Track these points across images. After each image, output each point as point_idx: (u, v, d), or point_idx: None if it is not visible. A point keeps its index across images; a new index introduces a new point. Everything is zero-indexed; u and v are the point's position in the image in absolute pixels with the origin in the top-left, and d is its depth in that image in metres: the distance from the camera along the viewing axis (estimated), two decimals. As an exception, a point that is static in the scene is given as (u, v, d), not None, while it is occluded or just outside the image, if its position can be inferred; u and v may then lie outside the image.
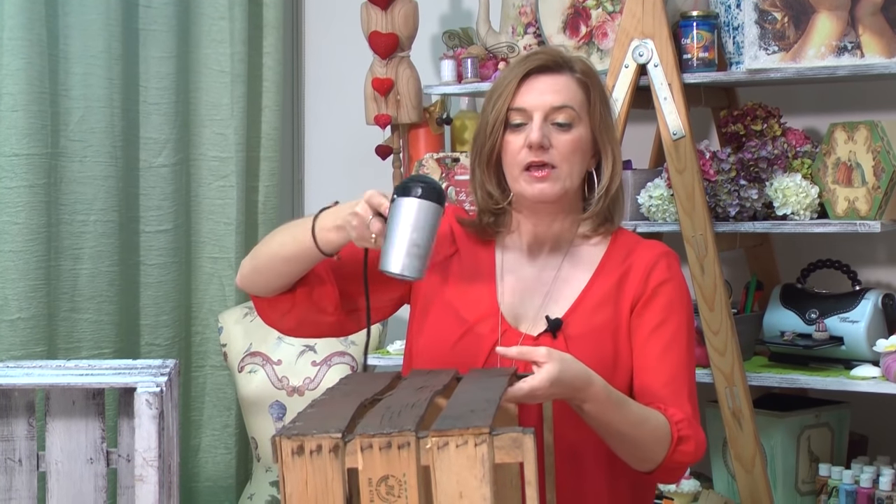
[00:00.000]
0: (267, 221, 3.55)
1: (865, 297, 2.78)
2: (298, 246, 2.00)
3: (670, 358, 2.01)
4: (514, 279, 2.08)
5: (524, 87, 2.03)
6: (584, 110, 2.04)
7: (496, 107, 2.04)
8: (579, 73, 2.05)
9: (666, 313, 2.04)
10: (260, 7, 3.52)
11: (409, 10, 3.20)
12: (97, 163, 3.12)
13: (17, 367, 2.57)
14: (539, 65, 2.04)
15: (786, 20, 2.73)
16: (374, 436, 1.51)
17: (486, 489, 1.50)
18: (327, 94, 3.75)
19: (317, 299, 2.07)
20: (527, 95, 2.03)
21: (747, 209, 2.77)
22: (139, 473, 2.36)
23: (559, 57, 2.06)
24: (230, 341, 3.26)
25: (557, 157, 2.01)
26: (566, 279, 2.07)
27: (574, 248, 2.09)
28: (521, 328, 2.04)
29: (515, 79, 2.03)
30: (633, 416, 1.90)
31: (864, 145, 2.67)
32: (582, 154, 2.04)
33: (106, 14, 3.11)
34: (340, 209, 1.98)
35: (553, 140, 2.01)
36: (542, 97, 2.02)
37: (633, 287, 2.05)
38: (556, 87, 2.03)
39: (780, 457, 2.82)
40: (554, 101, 2.02)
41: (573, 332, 2.01)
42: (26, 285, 2.94)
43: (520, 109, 2.02)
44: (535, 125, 2.00)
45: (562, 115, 2.02)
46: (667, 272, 2.06)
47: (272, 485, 3.21)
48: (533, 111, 2.01)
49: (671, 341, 2.03)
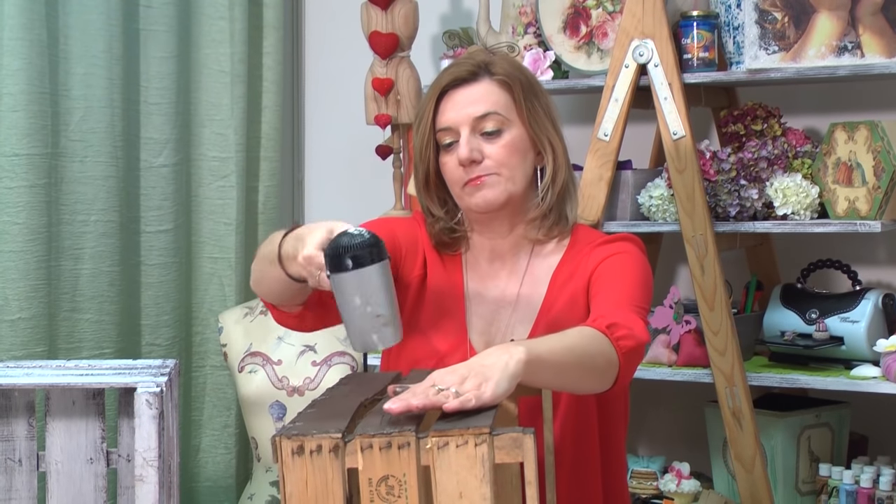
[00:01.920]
0: (267, 221, 3.55)
1: (865, 297, 2.78)
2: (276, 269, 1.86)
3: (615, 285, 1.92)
4: (480, 302, 2.05)
5: (444, 104, 1.99)
6: (512, 111, 1.99)
7: (419, 131, 2.00)
8: (499, 74, 1.99)
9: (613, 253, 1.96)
10: (260, 7, 3.52)
11: (410, 10, 3.21)
12: (97, 163, 3.12)
13: (18, 367, 2.57)
14: (452, 79, 1.99)
15: (786, 20, 2.73)
16: (374, 436, 1.51)
17: (487, 489, 1.50)
18: (327, 94, 3.75)
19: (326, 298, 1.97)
20: (448, 113, 1.98)
21: (747, 209, 2.77)
22: (139, 473, 2.36)
23: (472, 65, 2.00)
24: (230, 341, 3.26)
25: (493, 165, 1.97)
26: (527, 297, 2.03)
27: (532, 261, 2.05)
28: None
29: (432, 99, 1.99)
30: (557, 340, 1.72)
31: (865, 145, 2.67)
32: (520, 155, 2.00)
33: (106, 14, 3.11)
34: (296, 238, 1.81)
35: (484, 151, 1.97)
36: (463, 111, 1.98)
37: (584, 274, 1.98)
38: (475, 96, 1.98)
39: (780, 457, 2.82)
40: (475, 112, 1.97)
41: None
42: (27, 285, 2.94)
43: (445, 129, 1.98)
44: (463, 141, 1.96)
45: (488, 124, 1.98)
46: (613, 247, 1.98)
47: (272, 485, 3.21)
48: (458, 127, 1.97)
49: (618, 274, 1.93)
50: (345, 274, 1.68)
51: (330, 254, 1.69)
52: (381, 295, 1.70)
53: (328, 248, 1.70)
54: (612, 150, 2.80)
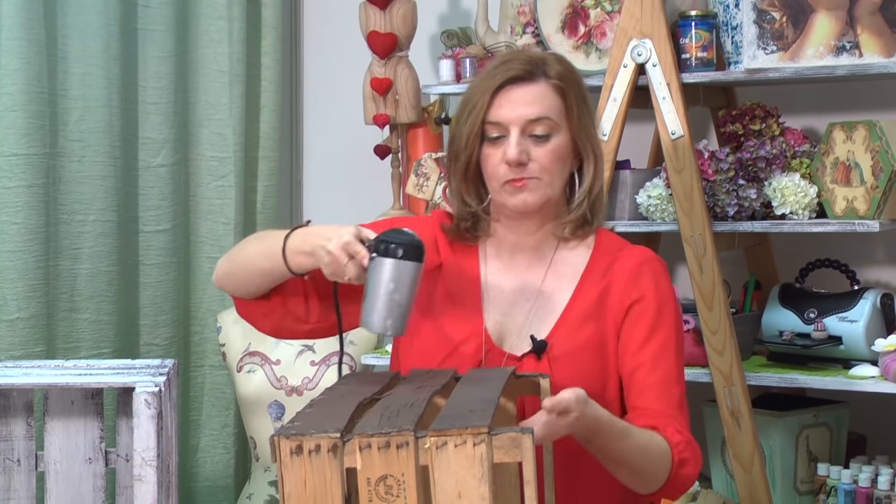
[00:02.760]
0: (265, 221, 3.55)
1: (864, 296, 2.78)
2: (270, 263, 1.97)
3: (660, 371, 1.99)
4: (497, 293, 2.05)
5: (498, 98, 1.98)
6: (563, 117, 2.00)
7: (469, 120, 1.99)
8: (555, 77, 2.00)
9: (653, 324, 2.00)
10: (258, 7, 3.52)
11: (408, 10, 3.20)
12: (96, 163, 3.12)
13: (16, 366, 2.57)
14: (512, 75, 1.99)
15: (784, 20, 2.73)
16: (372, 435, 1.51)
17: (485, 489, 1.50)
18: (326, 93, 3.75)
19: (292, 308, 2.05)
20: (501, 109, 1.98)
21: (746, 209, 2.77)
22: (138, 473, 2.36)
23: (532, 63, 2.00)
24: (229, 341, 3.26)
25: (537, 169, 1.98)
26: (549, 293, 2.04)
27: (557, 256, 2.06)
28: (505, 346, 2.02)
29: (488, 91, 1.98)
30: (636, 444, 1.88)
31: (863, 145, 2.67)
32: (563, 161, 2.01)
33: (104, 14, 3.11)
34: (311, 236, 1.93)
35: (532, 153, 1.97)
36: (516, 110, 1.97)
37: (617, 300, 2.02)
38: (531, 97, 1.98)
39: (778, 456, 2.82)
40: (530, 114, 1.97)
41: (558, 352, 1.98)
42: (25, 285, 2.94)
43: (495, 123, 1.98)
44: (513, 141, 1.96)
45: (539, 127, 1.97)
46: (651, 281, 2.02)
47: (271, 484, 3.21)
48: (509, 125, 1.97)
49: (660, 353, 2.00)
50: (391, 260, 1.84)
51: (383, 239, 1.85)
52: (409, 291, 1.86)
53: (381, 236, 1.86)
54: (610, 149, 2.80)
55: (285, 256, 1.94)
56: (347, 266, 1.86)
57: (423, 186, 3.17)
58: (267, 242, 1.98)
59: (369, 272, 1.85)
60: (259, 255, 1.99)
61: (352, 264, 1.86)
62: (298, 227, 1.96)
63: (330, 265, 1.88)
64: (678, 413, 1.98)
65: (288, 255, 1.94)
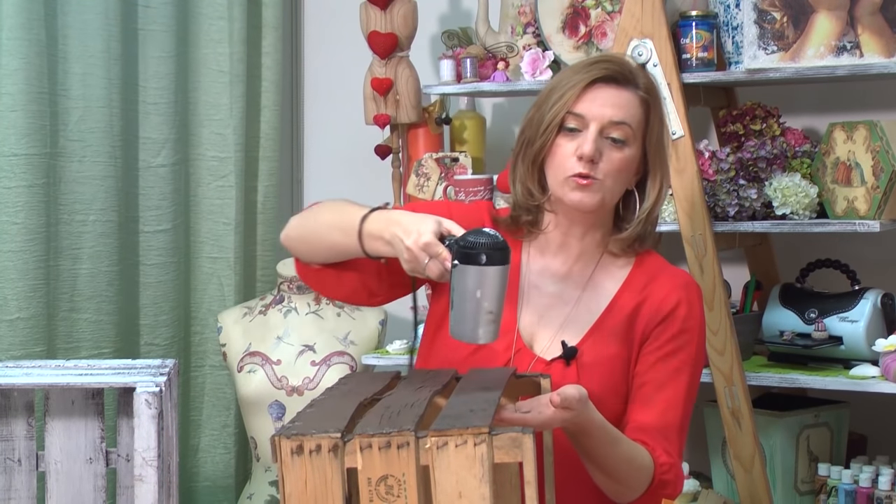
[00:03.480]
0: (266, 221, 3.55)
1: (864, 296, 2.78)
2: (346, 240, 1.93)
3: (668, 391, 2.00)
4: (536, 294, 2.06)
5: (587, 93, 1.98)
6: (640, 129, 2.00)
7: (554, 107, 1.99)
8: (643, 90, 2.01)
9: (675, 347, 2.02)
10: (259, 7, 3.52)
11: (408, 10, 3.20)
12: (96, 163, 3.12)
13: (17, 366, 2.57)
14: (606, 74, 1.99)
15: (785, 20, 2.73)
16: (373, 435, 1.51)
17: (486, 489, 1.50)
18: (326, 93, 3.75)
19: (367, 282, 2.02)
20: (588, 103, 1.98)
21: (746, 209, 2.77)
22: (138, 473, 2.36)
23: (627, 69, 2.01)
24: (229, 341, 3.26)
25: (604, 171, 1.98)
26: (586, 302, 2.05)
27: (599, 266, 2.06)
28: (536, 348, 2.03)
29: (581, 83, 1.98)
30: (622, 453, 1.89)
31: (864, 145, 2.67)
32: (627, 173, 2.01)
33: (105, 14, 3.11)
34: (391, 224, 1.87)
35: (604, 155, 1.97)
36: (602, 109, 1.98)
37: (647, 318, 2.03)
38: (619, 101, 1.99)
39: (779, 456, 2.82)
40: (614, 116, 1.98)
41: (587, 361, 2.00)
42: (25, 285, 2.94)
43: (578, 115, 1.98)
44: (590, 137, 1.96)
45: (618, 132, 1.98)
46: (685, 308, 2.03)
47: (271, 484, 3.21)
48: (591, 121, 1.97)
49: (673, 375, 2.01)
50: (475, 267, 1.75)
51: (464, 245, 1.76)
52: (498, 295, 1.77)
53: (461, 240, 1.77)
54: (611, 149, 2.79)
55: (361, 238, 1.90)
56: (429, 265, 1.80)
57: (423, 186, 3.17)
58: (344, 216, 1.93)
59: (453, 280, 1.77)
60: (335, 228, 1.95)
61: (433, 264, 1.80)
62: (377, 209, 1.91)
63: (410, 262, 1.83)
64: (674, 437, 1.99)
65: (364, 238, 1.90)
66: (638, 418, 1.98)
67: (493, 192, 3.05)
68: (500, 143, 3.40)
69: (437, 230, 1.81)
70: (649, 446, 1.95)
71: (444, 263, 1.79)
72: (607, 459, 1.88)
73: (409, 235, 1.82)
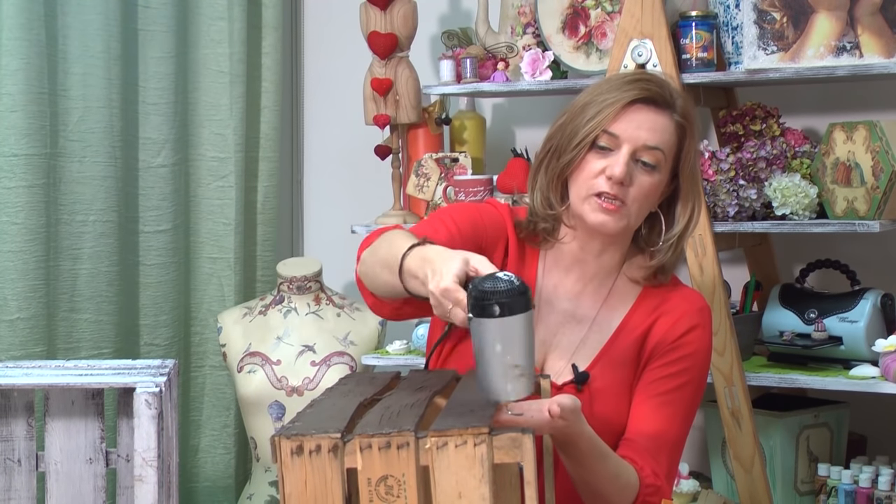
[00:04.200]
0: (266, 222, 3.56)
1: (864, 296, 2.78)
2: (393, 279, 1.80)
3: (666, 411, 1.99)
4: (548, 311, 2.04)
5: (624, 113, 1.95)
6: (672, 155, 1.98)
7: (590, 124, 1.95)
8: (680, 116, 1.98)
9: (680, 369, 2.01)
10: (259, 7, 3.52)
11: (408, 11, 3.20)
12: (96, 163, 3.12)
13: (17, 367, 2.57)
14: (647, 96, 1.96)
15: (785, 20, 2.73)
16: (373, 436, 1.51)
17: (486, 489, 1.50)
18: (326, 94, 3.75)
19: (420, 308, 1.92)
20: (624, 124, 1.95)
21: (746, 209, 2.77)
22: (138, 474, 2.36)
23: (667, 92, 1.98)
24: (229, 341, 3.26)
25: (633, 195, 1.95)
26: (600, 323, 2.03)
27: (615, 287, 2.05)
28: (546, 368, 2.01)
29: (620, 102, 1.95)
30: (608, 469, 1.87)
31: (863, 145, 2.67)
32: (653, 198, 1.99)
33: (105, 14, 3.11)
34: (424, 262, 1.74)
35: (634, 178, 1.95)
36: (638, 131, 1.95)
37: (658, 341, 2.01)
38: (656, 125, 1.96)
39: (779, 457, 2.82)
40: (648, 141, 1.95)
41: (598, 386, 1.98)
42: (25, 285, 2.94)
43: (612, 135, 1.95)
44: (622, 159, 1.94)
45: (650, 156, 1.95)
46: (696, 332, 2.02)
47: (271, 485, 3.21)
48: (624, 142, 1.95)
49: (674, 396, 2.00)
50: (490, 320, 1.57)
51: (476, 296, 1.58)
52: (523, 346, 1.59)
53: (474, 290, 1.59)
54: (610, 150, 2.79)
55: (402, 278, 1.78)
56: (452, 311, 1.66)
57: (423, 187, 3.17)
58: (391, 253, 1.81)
59: (472, 334, 1.60)
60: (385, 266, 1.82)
61: (456, 311, 1.66)
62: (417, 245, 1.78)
63: (436, 308, 1.70)
64: (665, 459, 1.97)
65: (405, 277, 1.77)
66: (631, 435, 1.97)
67: (492, 192, 3.05)
68: (499, 143, 3.41)
69: (460, 272, 1.67)
70: (637, 465, 1.93)
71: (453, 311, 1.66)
72: (593, 474, 1.86)
73: (433, 278, 1.69)
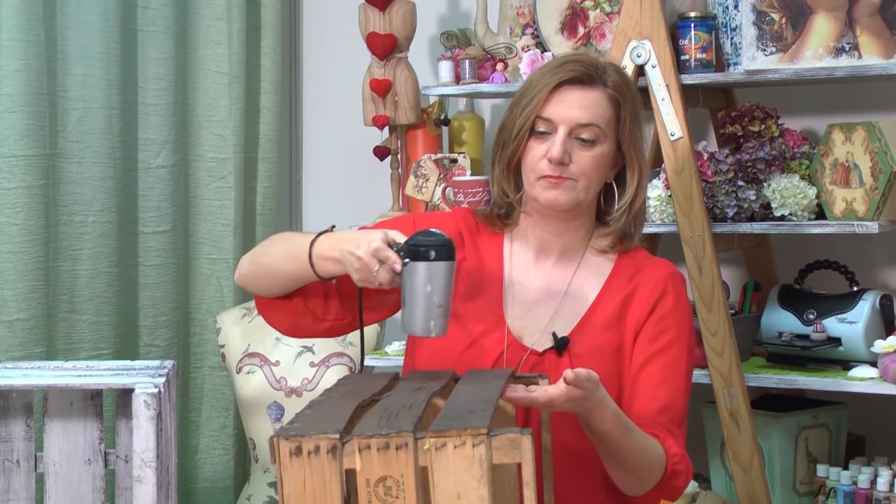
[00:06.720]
0: (265, 222, 3.56)
1: (863, 297, 2.78)
2: (296, 268, 1.98)
3: (668, 384, 2.02)
4: (521, 289, 2.08)
5: (554, 96, 2.02)
6: (612, 127, 2.03)
7: (524, 113, 2.03)
8: (611, 87, 2.03)
9: (669, 339, 2.04)
10: (258, 8, 3.52)
11: (407, 11, 3.20)
12: (95, 164, 3.12)
13: (16, 367, 2.57)
14: (572, 77, 2.02)
15: (783, 21, 2.73)
16: (371, 437, 1.51)
17: (484, 490, 1.50)
18: (325, 95, 3.75)
19: (312, 307, 2.07)
20: (555, 107, 2.01)
21: (745, 210, 2.77)
22: (137, 474, 2.36)
23: (593, 68, 2.03)
24: (228, 342, 3.26)
25: (576, 171, 2.01)
26: (574, 295, 2.07)
27: (584, 259, 2.09)
28: (526, 341, 2.04)
29: (547, 87, 2.02)
30: (636, 443, 1.91)
31: (862, 146, 2.67)
32: (602, 169, 2.04)
33: (104, 15, 3.11)
34: (338, 241, 1.94)
35: (574, 155, 2.01)
36: (569, 112, 2.01)
37: (638, 311, 2.05)
38: (586, 102, 2.01)
39: (777, 457, 2.82)
40: (581, 118, 2.00)
41: (578, 351, 2.01)
42: (25, 286, 2.94)
43: (546, 119, 2.02)
44: (558, 140, 2.00)
45: (586, 132, 2.01)
46: (674, 297, 2.06)
47: (270, 486, 3.21)
48: (558, 124, 2.01)
49: (671, 367, 2.03)
50: (424, 263, 1.86)
51: (413, 244, 1.87)
52: (447, 290, 1.87)
53: (411, 240, 1.88)
54: (609, 150, 2.79)
55: (312, 262, 1.96)
56: (379, 272, 1.87)
57: (422, 188, 3.17)
58: (292, 247, 2.00)
59: (404, 278, 1.87)
60: (284, 259, 2.00)
61: (383, 269, 1.87)
62: (323, 233, 1.97)
63: (360, 271, 1.89)
64: (678, 429, 2.02)
65: (315, 260, 1.95)
66: (643, 413, 2.00)
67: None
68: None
69: (385, 239, 1.88)
70: (660, 438, 1.97)
71: (393, 266, 1.86)
72: (622, 449, 1.89)
73: (358, 247, 1.88)
